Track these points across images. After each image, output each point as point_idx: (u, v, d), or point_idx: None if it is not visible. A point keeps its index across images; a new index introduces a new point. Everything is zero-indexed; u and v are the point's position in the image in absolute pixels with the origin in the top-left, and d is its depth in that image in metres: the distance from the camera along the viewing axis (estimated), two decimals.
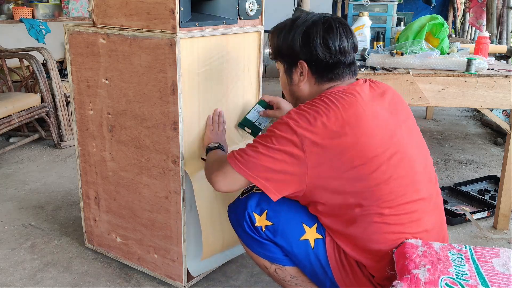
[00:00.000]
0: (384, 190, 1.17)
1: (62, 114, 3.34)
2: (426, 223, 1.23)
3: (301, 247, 1.28)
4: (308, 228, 1.28)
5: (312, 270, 1.30)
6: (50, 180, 2.78)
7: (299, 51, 1.28)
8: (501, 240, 2.14)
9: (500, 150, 3.41)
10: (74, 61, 1.74)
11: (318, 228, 1.28)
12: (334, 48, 1.25)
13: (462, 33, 6.02)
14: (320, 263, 1.27)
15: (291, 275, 1.36)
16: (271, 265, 1.36)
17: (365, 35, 2.39)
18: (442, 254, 1.12)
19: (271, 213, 1.31)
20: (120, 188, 1.77)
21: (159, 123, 1.56)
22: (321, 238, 1.27)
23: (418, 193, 1.21)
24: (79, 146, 1.85)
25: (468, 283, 1.02)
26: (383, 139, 1.18)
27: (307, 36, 1.27)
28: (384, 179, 1.17)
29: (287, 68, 1.34)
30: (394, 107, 1.28)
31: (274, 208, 1.31)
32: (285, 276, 1.37)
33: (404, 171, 1.20)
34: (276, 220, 1.30)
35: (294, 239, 1.28)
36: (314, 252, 1.27)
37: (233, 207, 1.40)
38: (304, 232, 1.28)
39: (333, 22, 1.27)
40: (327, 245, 1.27)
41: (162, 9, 1.45)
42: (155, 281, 1.78)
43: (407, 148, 1.22)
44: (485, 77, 1.99)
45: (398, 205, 1.18)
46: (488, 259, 1.11)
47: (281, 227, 1.29)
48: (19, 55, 3.24)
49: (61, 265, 1.90)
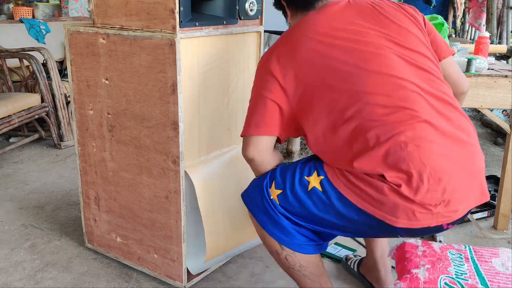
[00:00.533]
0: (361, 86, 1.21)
1: (62, 114, 3.34)
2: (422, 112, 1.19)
3: (312, 197, 1.26)
4: (310, 177, 1.28)
5: (331, 216, 1.26)
6: (50, 180, 2.78)
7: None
8: (501, 240, 2.15)
9: (500, 150, 3.41)
10: (74, 61, 1.74)
11: (318, 173, 1.27)
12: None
13: (462, 33, 6.02)
14: (337, 199, 1.24)
15: (300, 264, 1.36)
16: (282, 251, 1.35)
17: None
18: (442, 254, 1.12)
19: (278, 182, 1.32)
20: (120, 188, 1.77)
21: (159, 123, 1.56)
22: (323, 178, 1.26)
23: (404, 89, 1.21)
24: (79, 146, 1.85)
25: (468, 283, 1.02)
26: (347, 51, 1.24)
27: None
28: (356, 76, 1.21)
29: (283, 13, 1.49)
30: (373, 17, 1.31)
31: (280, 175, 1.33)
32: (294, 264, 1.36)
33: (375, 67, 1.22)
34: (283, 186, 1.31)
35: (303, 195, 1.27)
36: (324, 194, 1.25)
37: (247, 188, 1.42)
38: (308, 183, 1.28)
39: None
40: (330, 179, 1.25)
41: (162, 9, 1.45)
42: (155, 281, 1.78)
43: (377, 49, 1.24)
44: (485, 77, 1.99)
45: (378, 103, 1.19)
46: (487, 259, 1.12)
47: (288, 190, 1.30)
48: (19, 55, 3.25)
49: (61, 265, 1.90)
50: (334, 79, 1.24)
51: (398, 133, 1.15)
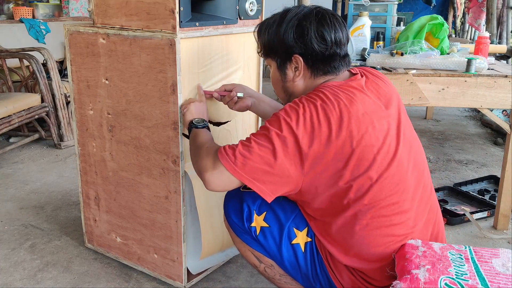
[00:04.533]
0: (375, 189, 1.15)
1: (62, 114, 3.34)
2: (414, 222, 1.21)
3: (291, 251, 1.29)
4: (299, 232, 1.28)
5: (302, 273, 1.31)
6: (50, 180, 2.78)
7: (293, 45, 1.23)
8: (501, 240, 2.14)
9: (500, 150, 3.41)
10: (74, 61, 1.74)
11: (308, 232, 1.28)
12: (330, 40, 1.22)
13: (462, 33, 6.03)
14: (313, 265, 1.28)
15: (280, 273, 1.37)
16: (261, 264, 1.37)
17: (365, 35, 2.38)
18: (442, 254, 1.12)
19: (269, 215, 1.30)
20: (120, 188, 1.77)
21: (159, 123, 1.56)
22: (310, 241, 1.27)
23: (407, 194, 1.19)
24: (79, 146, 1.85)
25: (468, 283, 1.02)
26: (378, 138, 1.16)
27: (300, 29, 1.22)
28: (375, 178, 1.15)
29: (280, 64, 1.28)
30: (387, 101, 1.25)
31: (273, 210, 1.31)
32: (274, 275, 1.37)
33: (393, 171, 1.17)
34: (273, 222, 1.30)
35: (285, 243, 1.29)
36: (304, 255, 1.28)
37: (232, 195, 1.39)
38: (295, 236, 1.28)
39: (326, 14, 1.24)
40: (317, 245, 1.27)
41: (162, 9, 1.45)
42: (155, 281, 1.78)
43: (398, 147, 1.20)
44: (485, 77, 1.99)
45: (386, 205, 1.17)
46: (487, 259, 1.11)
47: (275, 231, 1.30)
48: (19, 55, 3.24)
49: (61, 265, 1.90)
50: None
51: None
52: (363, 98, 1.19)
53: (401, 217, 1.18)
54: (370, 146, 1.15)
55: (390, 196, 1.16)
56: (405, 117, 1.28)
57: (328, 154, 1.13)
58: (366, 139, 1.14)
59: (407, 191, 1.19)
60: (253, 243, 1.35)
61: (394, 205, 1.17)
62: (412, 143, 1.26)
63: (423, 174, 1.27)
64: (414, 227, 1.20)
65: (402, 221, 1.18)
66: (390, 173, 1.16)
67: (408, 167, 1.21)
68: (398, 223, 1.18)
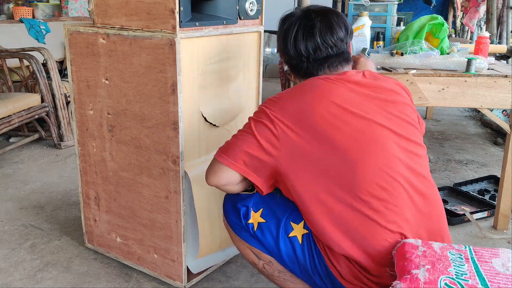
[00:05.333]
0: (358, 176, 1.17)
1: (62, 114, 3.34)
2: (405, 213, 1.20)
3: (288, 244, 1.30)
4: (296, 225, 1.29)
5: (300, 266, 1.31)
6: (50, 180, 2.78)
7: (281, 53, 1.37)
8: (501, 240, 2.15)
9: (500, 150, 3.41)
10: (74, 61, 1.74)
11: (305, 224, 1.29)
12: (304, 49, 1.29)
13: (462, 33, 6.03)
14: (311, 256, 1.28)
15: (279, 270, 1.37)
16: (259, 261, 1.38)
17: (365, 35, 2.38)
18: (442, 254, 1.12)
19: (266, 211, 1.32)
20: (120, 188, 1.77)
21: (159, 123, 1.56)
22: (307, 233, 1.28)
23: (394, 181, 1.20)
24: (79, 146, 1.85)
25: (468, 283, 1.02)
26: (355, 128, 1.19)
27: (285, 40, 1.33)
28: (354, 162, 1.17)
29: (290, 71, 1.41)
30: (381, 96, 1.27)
31: (269, 206, 1.33)
32: (273, 271, 1.38)
33: (375, 159, 1.18)
34: (269, 218, 1.32)
35: (282, 236, 1.30)
36: (302, 247, 1.28)
37: (230, 196, 1.41)
38: (292, 230, 1.30)
39: (312, 20, 1.29)
40: (314, 237, 1.28)
41: (162, 9, 1.45)
42: (155, 281, 1.78)
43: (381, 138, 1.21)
44: (485, 77, 1.99)
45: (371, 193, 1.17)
46: (487, 259, 1.11)
47: (272, 226, 1.31)
48: (19, 55, 3.25)
49: (61, 265, 1.90)
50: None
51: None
52: (338, 88, 1.23)
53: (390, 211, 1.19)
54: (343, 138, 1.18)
55: (377, 190, 1.17)
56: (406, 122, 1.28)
57: (303, 143, 1.19)
58: (336, 138, 1.18)
59: (397, 181, 1.20)
60: (251, 239, 1.36)
61: (383, 201, 1.18)
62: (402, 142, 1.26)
63: (416, 162, 1.27)
64: (402, 218, 1.20)
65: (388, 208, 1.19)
66: (373, 154, 1.19)
67: (394, 149, 1.22)
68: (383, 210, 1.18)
